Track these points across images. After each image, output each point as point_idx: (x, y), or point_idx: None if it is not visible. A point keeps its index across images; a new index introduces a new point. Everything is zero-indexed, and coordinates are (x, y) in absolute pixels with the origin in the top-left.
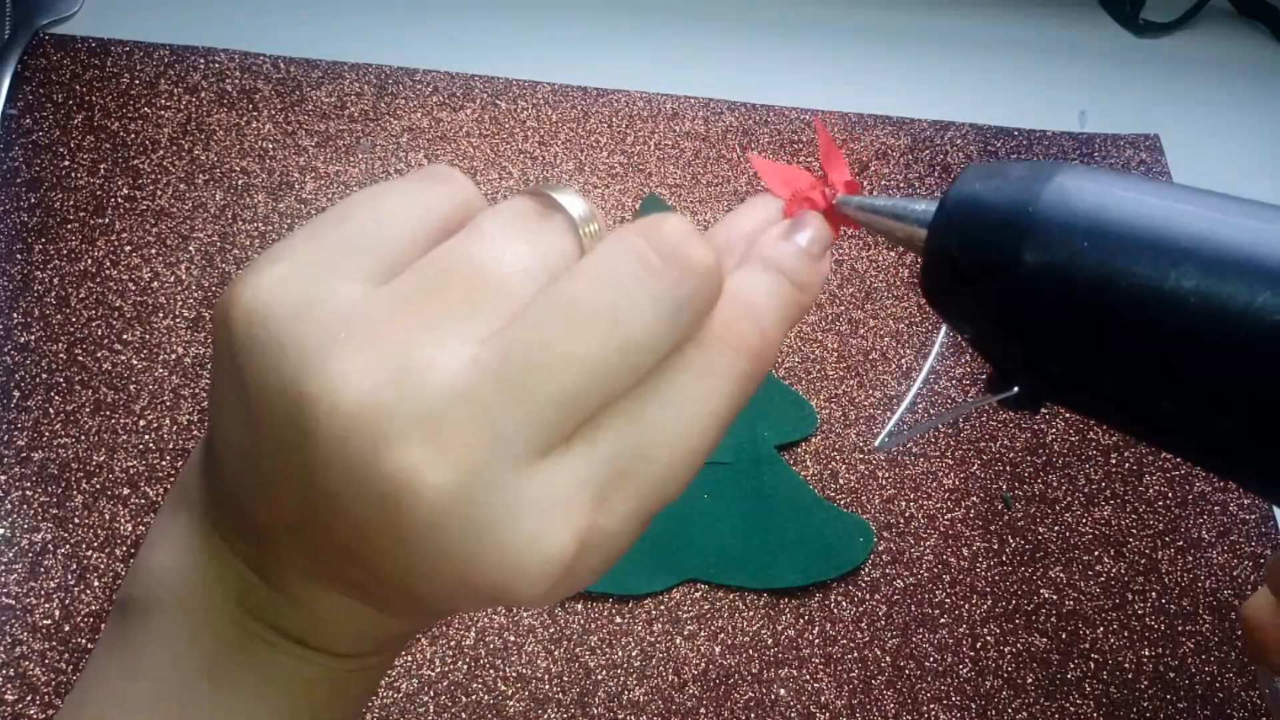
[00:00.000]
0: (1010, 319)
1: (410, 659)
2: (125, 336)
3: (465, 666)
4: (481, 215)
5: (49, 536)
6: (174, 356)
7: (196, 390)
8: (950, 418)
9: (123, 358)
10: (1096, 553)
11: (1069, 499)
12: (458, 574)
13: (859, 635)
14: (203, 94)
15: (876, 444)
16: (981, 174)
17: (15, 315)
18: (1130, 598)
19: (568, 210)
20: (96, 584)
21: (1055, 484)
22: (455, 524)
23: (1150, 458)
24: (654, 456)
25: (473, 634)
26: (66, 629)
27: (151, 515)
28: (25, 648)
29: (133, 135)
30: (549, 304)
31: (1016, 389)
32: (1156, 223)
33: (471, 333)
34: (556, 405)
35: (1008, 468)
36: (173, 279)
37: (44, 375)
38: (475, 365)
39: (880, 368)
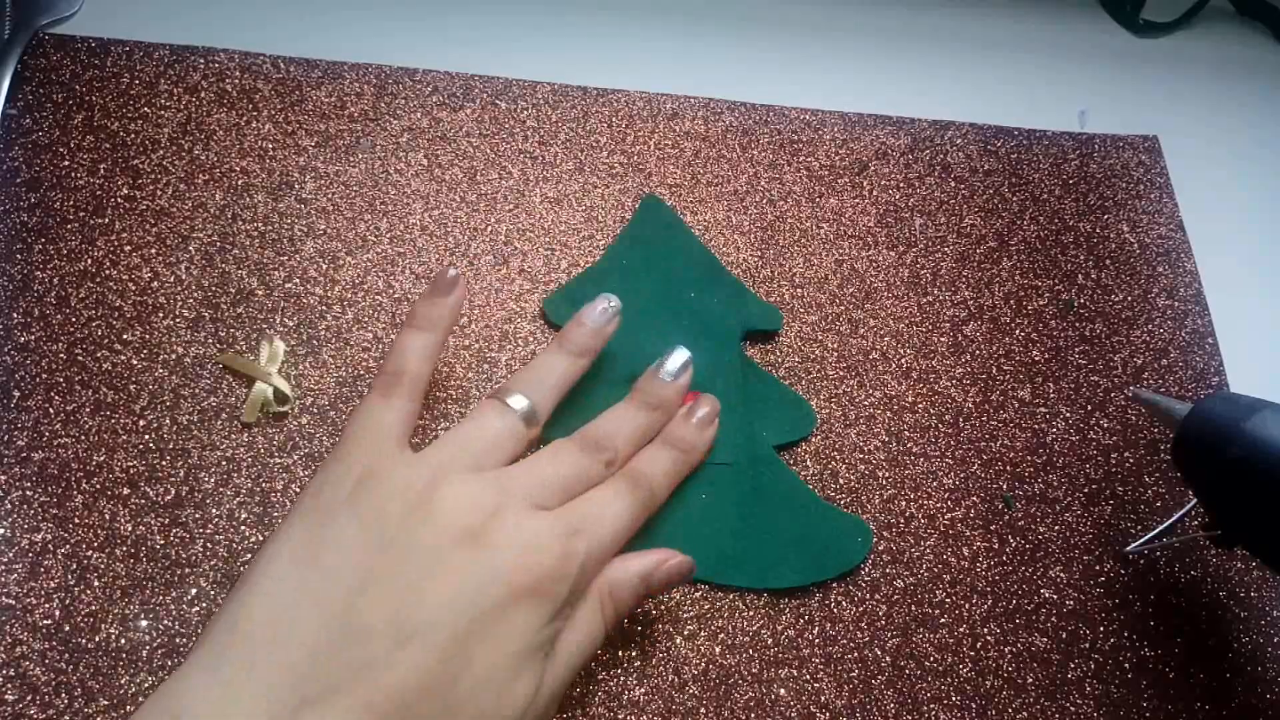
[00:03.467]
0: (1219, 483)
1: None
2: (125, 336)
3: None
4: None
5: (49, 536)
6: (174, 356)
7: (196, 390)
8: (1177, 527)
9: (123, 358)
10: (1097, 553)
11: (1069, 499)
12: None
13: (859, 635)
14: (203, 94)
15: (1129, 549)
16: (1221, 398)
17: (15, 315)
18: (1130, 598)
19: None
20: (96, 584)
21: (1055, 484)
22: None
23: (1150, 458)
24: (593, 531)
25: None
26: (66, 629)
27: (152, 515)
28: (25, 648)
29: (133, 135)
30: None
31: (1220, 531)
32: None
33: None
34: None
35: (1008, 468)
36: (173, 279)
37: (44, 375)
38: None
39: (880, 368)
